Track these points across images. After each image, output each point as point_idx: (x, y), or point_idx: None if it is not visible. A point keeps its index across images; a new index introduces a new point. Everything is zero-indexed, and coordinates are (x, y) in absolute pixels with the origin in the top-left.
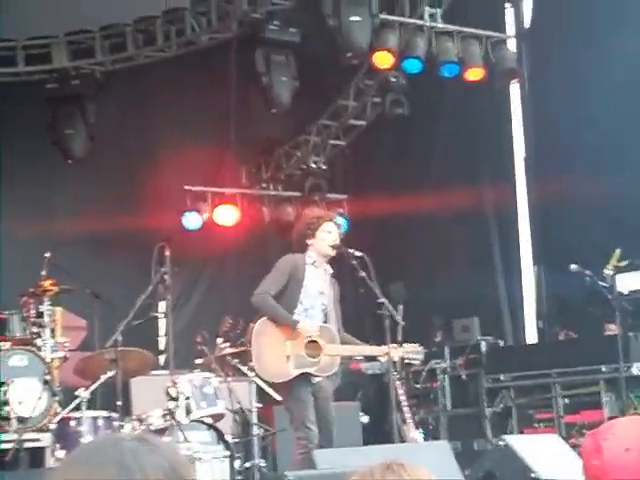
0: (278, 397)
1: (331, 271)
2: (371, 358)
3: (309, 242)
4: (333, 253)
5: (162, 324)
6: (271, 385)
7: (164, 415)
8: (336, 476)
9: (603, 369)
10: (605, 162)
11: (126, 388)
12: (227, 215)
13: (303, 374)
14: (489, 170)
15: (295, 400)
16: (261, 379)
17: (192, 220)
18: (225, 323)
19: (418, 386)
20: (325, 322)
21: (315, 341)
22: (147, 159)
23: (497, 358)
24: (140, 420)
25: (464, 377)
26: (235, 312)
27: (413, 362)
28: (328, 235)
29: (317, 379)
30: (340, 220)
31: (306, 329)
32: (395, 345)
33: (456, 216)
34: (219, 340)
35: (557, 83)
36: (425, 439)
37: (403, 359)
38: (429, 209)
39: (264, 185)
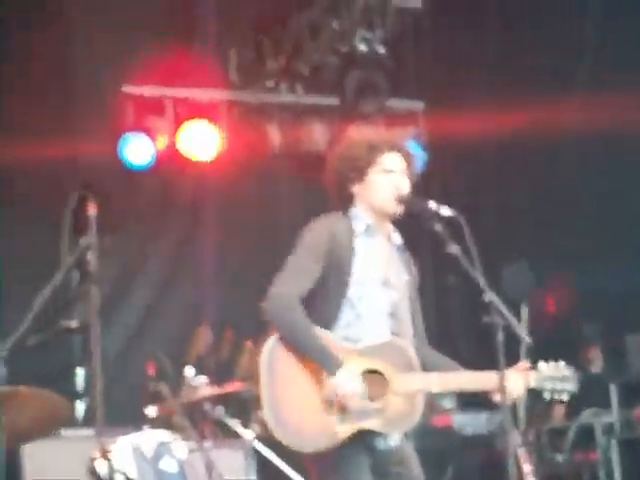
0: (298, 478)
1: (400, 241)
2: (476, 400)
3: (355, 191)
4: (399, 210)
5: (80, 344)
6: (290, 456)
7: None
8: None
9: None
10: None
11: (13, 460)
12: (201, 141)
13: (358, 434)
14: None
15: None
16: (267, 442)
17: (137, 150)
18: (201, 340)
19: (560, 459)
20: (395, 334)
21: (376, 371)
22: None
23: None
24: None
25: None
26: (220, 320)
27: (561, 397)
28: (390, 177)
29: (386, 442)
30: (412, 148)
31: (342, 389)
32: (524, 368)
33: (626, 133)
34: (189, 372)
35: None
36: None
37: (536, 398)
38: (578, 128)
39: (270, 85)
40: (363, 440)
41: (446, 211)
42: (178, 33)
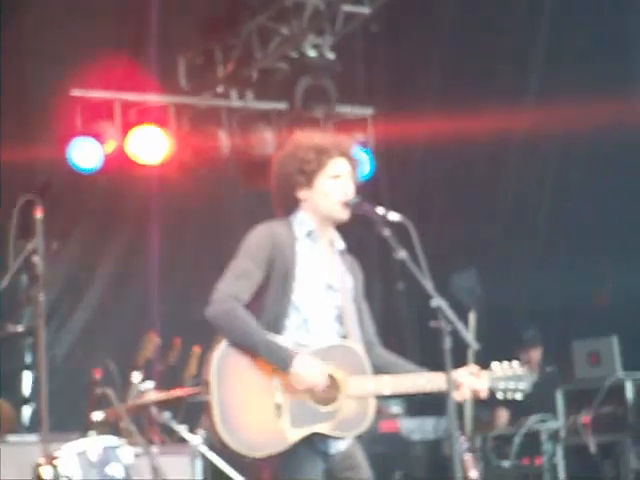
0: None
1: (342, 246)
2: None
3: (302, 196)
4: (346, 215)
5: (27, 349)
6: (240, 461)
7: None
8: None
9: None
10: None
11: None
12: (150, 144)
13: (309, 438)
14: None
15: None
16: (222, 451)
17: (86, 153)
18: (149, 344)
19: (506, 464)
20: (343, 337)
21: (328, 374)
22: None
23: None
24: None
25: (592, 449)
26: (169, 326)
27: (514, 396)
28: (336, 182)
29: (337, 446)
30: (359, 154)
31: (306, 374)
32: (473, 370)
33: (576, 141)
34: (136, 377)
35: None
36: None
37: (492, 392)
38: (527, 132)
39: (220, 90)
40: (314, 445)
41: (394, 216)
42: (128, 38)
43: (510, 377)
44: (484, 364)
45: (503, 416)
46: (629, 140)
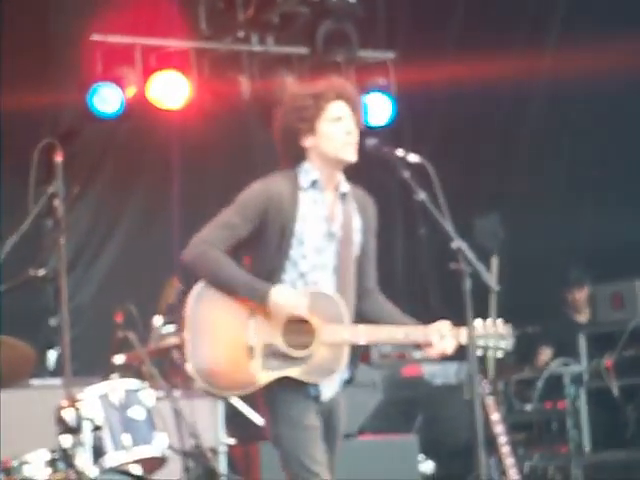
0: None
1: (346, 188)
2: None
3: (307, 144)
4: (352, 156)
5: (50, 292)
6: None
7: (53, 462)
8: None
9: None
10: None
11: None
12: (171, 89)
13: (302, 383)
14: None
15: (289, 424)
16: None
17: (107, 99)
18: (170, 290)
19: (528, 408)
20: (339, 290)
21: (304, 320)
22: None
23: None
24: (7, 471)
25: (615, 393)
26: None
27: (495, 354)
28: (339, 125)
29: (329, 392)
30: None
31: (285, 302)
32: (446, 327)
33: (598, 85)
34: (158, 320)
35: None
36: None
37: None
38: (550, 77)
39: (241, 35)
40: (308, 389)
41: (414, 158)
42: None
43: (491, 335)
44: (506, 309)
45: (546, 354)
46: None
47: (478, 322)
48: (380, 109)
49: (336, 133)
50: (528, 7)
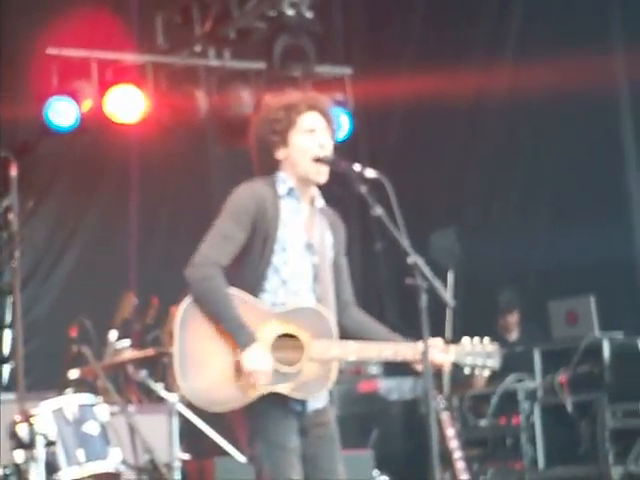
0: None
1: (322, 204)
2: (399, 367)
3: (280, 156)
4: (322, 176)
5: (7, 307)
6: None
7: (5, 477)
8: None
9: None
10: None
11: None
12: (128, 103)
13: (283, 399)
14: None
15: (269, 445)
16: (190, 406)
17: (62, 112)
18: (127, 304)
19: (483, 424)
20: (319, 299)
21: (292, 335)
22: None
23: (634, 371)
24: None
25: (569, 408)
26: (145, 284)
27: (482, 372)
28: (311, 136)
29: (304, 406)
30: (335, 110)
31: (252, 363)
32: (439, 343)
33: (555, 99)
34: (113, 335)
35: None
36: None
37: (459, 367)
38: (504, 91)
39: (198, 49)
40: (286, 403)
41: (371, 173)
42: None
43: (479, 353)
44: (461, 326)
45: (480, 380)
46: (606, 97)
47: (466, 340)
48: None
49: (309, 146)
50: (484, 23)
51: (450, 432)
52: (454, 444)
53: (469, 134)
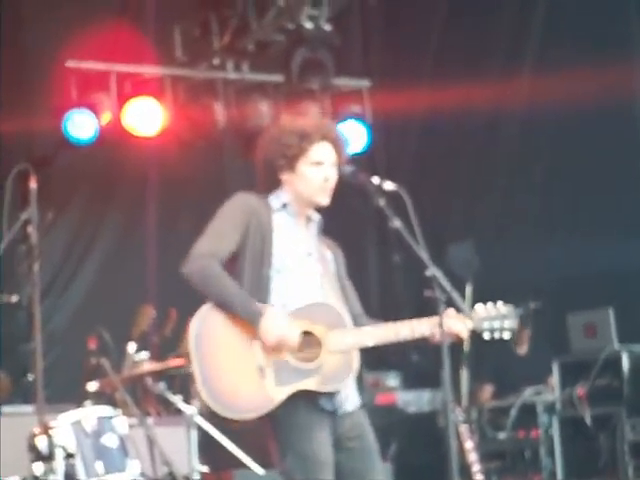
0: (240, 453)
1: (317, 219)
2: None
3: (284, 178)
4: (326, 201)
5: (23, 319)
6: (233, 431)
7: None
8: None
9: None
10: None
11: None
12: (146, 116)
13: (312, 398)
14: None
15: (298, 457)
16: (213, 417)
17: (81, 125)
18: (145, 316)
19: (502, 436)
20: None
21: (308, 332)
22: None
23: None
24: None
25: (588, 421)
26: (164, 297)
27: (502, 335)
28: (317, 169)
29: (343, 405)
30: (344, 135)
31: (274, 328)
32: (453, 313)
33: (574, 110)
34: (131, 347)
35: None
36: None
37: (477, 333)
38: (522, 102)
39: (216, 62)
40: (319, 403)
41: (389, 186)
42: (124, 8)
43: (495, 316)
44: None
45: (487, 391)
46: (625, 107)
47: (479, 306)
48: (355, 137)
49: (314, 178)
50: (503, 36)
51: (469, 445)
52: (473, 457)
53: (487, 146)
